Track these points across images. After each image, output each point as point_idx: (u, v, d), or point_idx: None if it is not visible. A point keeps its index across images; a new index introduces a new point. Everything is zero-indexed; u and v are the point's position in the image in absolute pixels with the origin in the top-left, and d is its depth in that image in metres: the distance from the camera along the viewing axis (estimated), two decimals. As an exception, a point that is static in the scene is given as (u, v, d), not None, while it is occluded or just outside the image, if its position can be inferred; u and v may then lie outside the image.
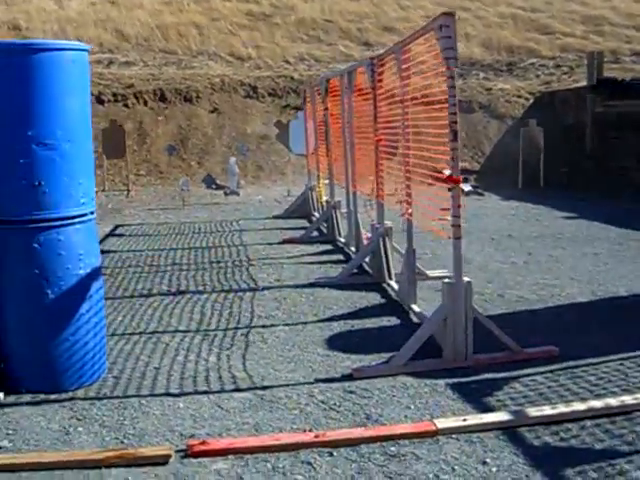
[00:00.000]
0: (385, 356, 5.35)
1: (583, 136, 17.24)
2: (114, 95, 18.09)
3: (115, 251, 9.83)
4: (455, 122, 4.95)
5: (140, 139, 17.58)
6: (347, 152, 9.08)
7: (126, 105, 18.07)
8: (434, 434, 4.02)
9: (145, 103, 18.26)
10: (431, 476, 3.61)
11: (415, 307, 6.43)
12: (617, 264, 8.53)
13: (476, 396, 4.60)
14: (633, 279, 7.75)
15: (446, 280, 5.24)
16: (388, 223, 7.89)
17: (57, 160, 4.54)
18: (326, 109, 10.37)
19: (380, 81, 7.46)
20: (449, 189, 5.10)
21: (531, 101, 19.74)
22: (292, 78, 20.23)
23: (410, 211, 6.35)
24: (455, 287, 5.09)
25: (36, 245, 4.56)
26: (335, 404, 4.51)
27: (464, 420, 4.14)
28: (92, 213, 4.88)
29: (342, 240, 10.03)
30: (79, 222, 4.72)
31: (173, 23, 23.71)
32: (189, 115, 18.34)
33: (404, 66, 6.30)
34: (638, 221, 11.46)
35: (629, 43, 24.19)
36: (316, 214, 12.36)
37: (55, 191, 4.56)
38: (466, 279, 5.13)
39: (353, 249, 9.12)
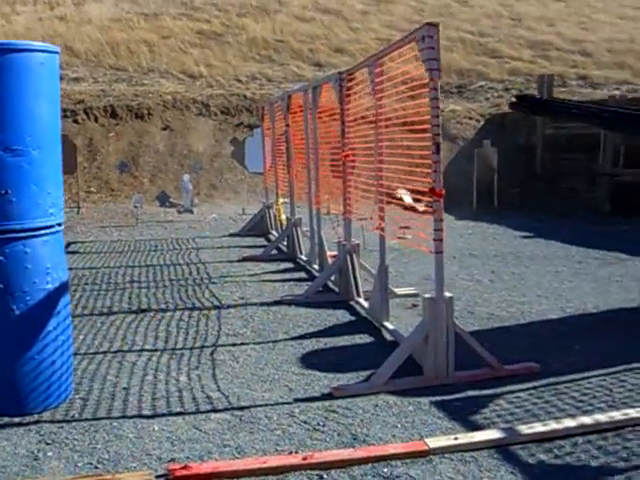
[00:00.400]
0: (363, 374, 5.19)
1: (534, 157, 17.43)
2: (64, 111, 17.62)
3: (70, 268, 9.43)
4: (438, 134, 4.84)
5: (90, 155, 17.21)
6: (310, 169, 8.95)
7: (76, 121, 17.69)
8: (426, 454, 3.87)
9: (96, 119, 17.91)
10: (428, 498, 3.45)
11: (388, 324, 6.29)
12: (580, 281, 8.54)
13: (462, 414, 4.46)
14: (598, 295, 7.75)
15: (427, 295, 5.11)
16: (355, 240, 7.76)
17: (25, 167, 4.29)
18: (287, 125, 10.22)
19: (348, 96, 7.35)
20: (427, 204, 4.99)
21: (482, 123, 19.92)
22: (245, 97, 20.08)
23: (382, 226, 6.22)
24: (436, 302, 4.96)
25: (1, 258, 4.30)
26: (318, 424, 4.32)
27: (455, 439, 4.00)
28: (60, 225, 4.63)
29: (304, 258, 9.86)
30: (47, 234, 4.46)
31: (123, 40, 23.39)
32: (140, 132, 18.03)
33: (377, 80, 6.20)
34: (593, 240, 11.55)
35: (575, 67, 24.65)
36: (274, 232, 12.18)
37: (22, 200, 4.31)
38: (447, 294, 5.01)
39: (316, 267, 8.96)
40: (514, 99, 2.39)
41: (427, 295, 5.11)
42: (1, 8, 24.65)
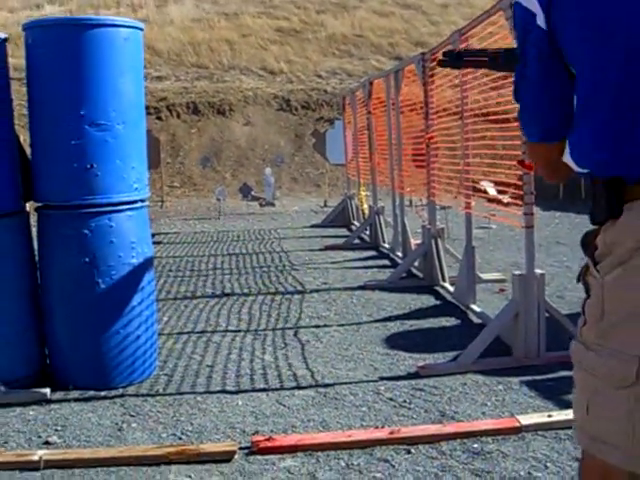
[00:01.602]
0: (449, 355, 5.04)
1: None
2: (147, 108, 17.92)
3: (154, 257, 9.59)
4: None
5: (173, 151, 17.46)
6: (393, 155, 8.82)
7: (159, 118, 17.97)
8: (518, 431, 3.70)
9: (178, 116, 18.17)
10: (522, 474, 3.29)
11: (475, 307, 6.11)
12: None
13: (555, 393, 4.26)
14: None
15: (517, 272, 4.92)
16: (439, 224, 7.60)
17: (110, 142, 4.30)
18: (369, 112, 10.11)
19: (432, 76, 7.20)
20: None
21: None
22: (325, 91, 20.08)
23: (472, 204, 6.05)
24: (527, 279, 4.77)
25: (87, 232, 4.32)
26: (405, 401, 4.20)
27: (549, 416, 3.82)
28: (144, 200, 4.63)
29: (387, 246, 9.73)
30: (131, 209, 4.47)
31: (204, 39, 23.70)
32: (222, 128, 18.21)
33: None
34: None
35: None
36: (356, 223, 12.09)
37: (107, 175, 4.32)
38: (539, 271, 4.82)
39: (399, 254, 8.82)
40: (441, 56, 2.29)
41: (517, 272, 4.92)
42: (85, 11, 25.26)
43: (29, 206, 4.75)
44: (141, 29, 4.54)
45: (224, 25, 25.28)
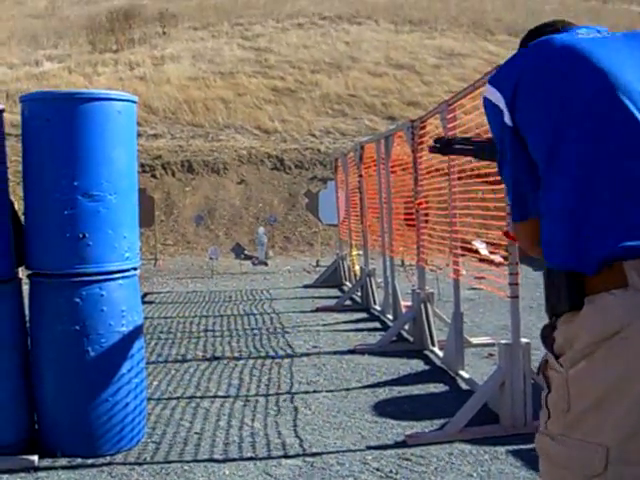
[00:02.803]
0: (437, 422, 5.06)
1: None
2: (142, 166, 18.15)
3: (146, 317, 9.59)
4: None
5: (168, 209, 17.59)
6: (383, 219, 8.94)
7: (154, 176, 18.15)
8: (504, 503, 3.72)
9: (173, 174, 18.35)
10: None
11: (463, 373, 6.15)
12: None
13: (541, 464, 4.28)
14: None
15: (503, 341, 4.98)
16: (429, 289, 7.67)
17: (102, 212, 4.38)
18: (360, 176, 10.26)
19: (421, 144, 7.34)
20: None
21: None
22: (319, 150, 20.32)
23: (458, 269, 6.13)
24: (513, 348, 4.83)
25: (78, 300, 4.38)
26: (391, 471, 4.22)
27: (534, 489, 3.84)
28: (135, 269, 4.70)
29: (377, 308, 9.78)
30: (122, 277, 4.54)
31: (200, 97, 24.03)
32: (216, 186, 18.38)
33: (449, 126, 6.18)
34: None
35: None
36: (348, 283, 12.15)
37: (99, 244, 4.40)
38: (524, 340, 4.88)
39: (390, 317, 8.87)
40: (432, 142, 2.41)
41: (503, 341, 4.98)
42: (84, 69, 25.67)
43: (21, 271, 4.81)
44: (134, 102, 4.66)
45: (220, 84, 25.66)
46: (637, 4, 37.66)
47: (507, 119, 1.83)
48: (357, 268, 11.46)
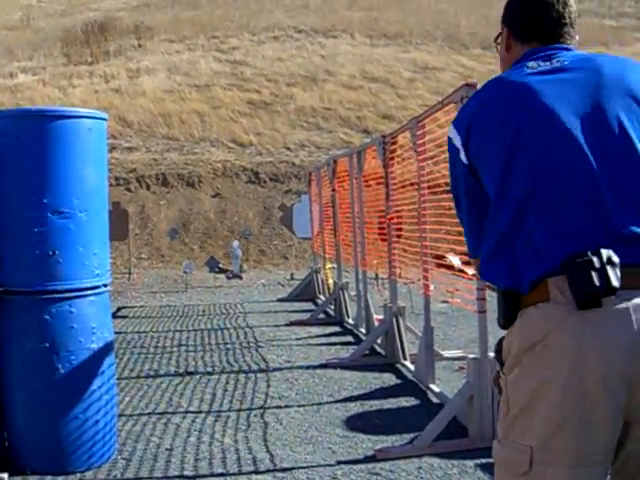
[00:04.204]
0: (407, 437, 5.11)
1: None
2: (117, 179, 18.14)
3: (119, 332, 9.58)
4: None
5: (142, 222, 17.54)
6: (356, 233, 8.99)
7: (129, 189, 18.11)
8: (470, 517, 3.77)
9: (148, 187, 18.31)
10: None
11: (434, 387, 6.20)
12: None
13: (508, 478, 4.34)
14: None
15: (471, 356, 5.04)
16: (401, 303, 7.73)
17: (72, 229, 4.40)
18: (333, 190, 10.32)
19: (392, 159, 7.42)
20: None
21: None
22: (293, 164, 20.37)
23: (428, 285, 6.19)
24: (481, 363, 4.89)
25: (47, 317, 4.38)
26: (361, 486, 4.26)
27: (500, 502, 3.88)
28: (106, 286, 4.71)
29: (351, 322, 9.82)
30: (93, 294, 4.55)
31: (175, 111, 24.01)
32: (191, 199, 18.37)
33: (419, 142, 6.25)
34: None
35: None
36: (322, 297, 12.18)
37: (69, 261, 4.41)
38: (492, 354, 4.93)
39: (363, 330, 8.92)
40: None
41: (472, 356, 5.04)
42: (58, 82, 25.58)
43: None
44: (104, 119, 4.69)
45: (195, 97, 25.66)
46: (609, 18, 38.17)
47: (463, 156, 2.00)
48: (331, 282, 11.50)
